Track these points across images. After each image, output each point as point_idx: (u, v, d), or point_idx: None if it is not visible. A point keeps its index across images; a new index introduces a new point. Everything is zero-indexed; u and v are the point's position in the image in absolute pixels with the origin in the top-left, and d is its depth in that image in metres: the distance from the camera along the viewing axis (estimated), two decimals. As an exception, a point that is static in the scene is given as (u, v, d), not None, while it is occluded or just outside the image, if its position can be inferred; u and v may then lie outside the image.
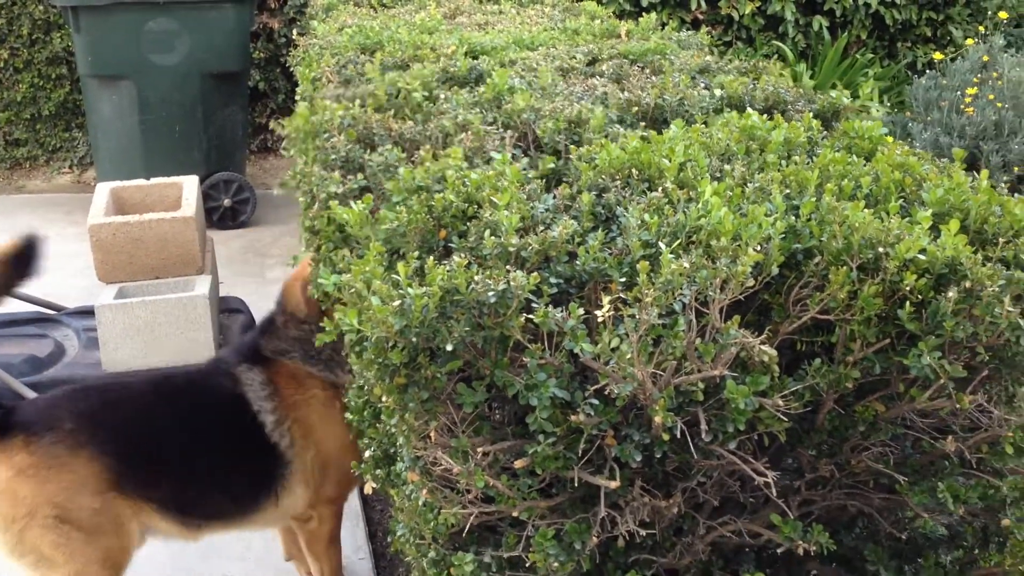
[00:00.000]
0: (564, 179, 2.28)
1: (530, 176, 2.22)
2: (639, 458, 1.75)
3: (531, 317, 1.71)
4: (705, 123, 2.56)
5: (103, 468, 2.50)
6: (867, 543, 1.92)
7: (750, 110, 2.46)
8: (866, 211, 1.78)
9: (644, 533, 1.79)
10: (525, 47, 3.92)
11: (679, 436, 1.71)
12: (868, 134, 2.33)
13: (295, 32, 5.27)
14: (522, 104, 2.71)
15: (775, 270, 1.74)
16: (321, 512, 2.74)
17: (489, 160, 2.31)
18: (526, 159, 2.38)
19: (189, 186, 4.58)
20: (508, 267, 1.81)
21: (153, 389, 2.73)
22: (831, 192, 1.89)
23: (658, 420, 1.65)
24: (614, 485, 1.72)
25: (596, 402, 1.72)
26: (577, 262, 1.86)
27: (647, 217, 1.89)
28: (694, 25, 6.92)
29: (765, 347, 1.68)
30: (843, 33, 7.35)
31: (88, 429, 2.52)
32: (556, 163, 2.34)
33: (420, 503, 1.96)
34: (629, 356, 1.65)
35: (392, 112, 2.90)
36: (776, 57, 6.89)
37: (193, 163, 6.18)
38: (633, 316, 1.64)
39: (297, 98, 3.85)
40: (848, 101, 2.95)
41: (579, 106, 2.70)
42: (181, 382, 2.80)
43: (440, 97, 2.96)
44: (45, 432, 2.49)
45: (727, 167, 2.14)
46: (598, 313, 1.66)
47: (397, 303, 1.69)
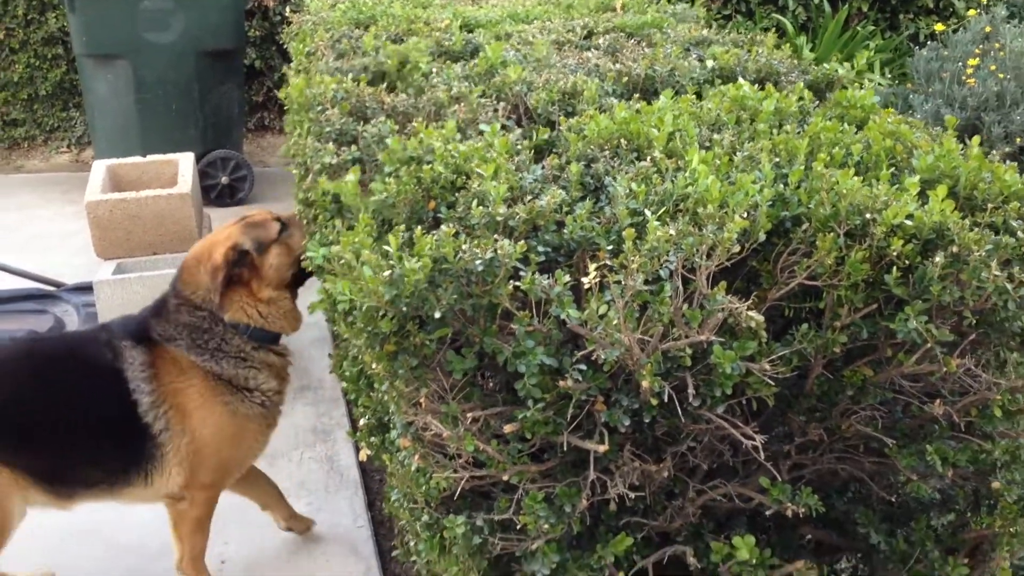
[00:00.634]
0: (554, 150, 2.28)
1: (520, 147, 2.23)
2: (628, 423, 1.76)
3: (519, 285, 1.72)
4: (697, 94, 2.56)
5: None
6: (859, 507, 1.93)
7: (741, 80, 2.46)
8: (855, 178, 1.78)
9: (633, 496, 1.81)
10: (520, 21, 3.91)
11: (667, 401, 1.72)
12: (861, 103, 2.33)
13: (288, 9, 5.26)
14: (514, 77, 2.71)
15: (762, 237, 1.75)
16: (195, 496, 2.70)
17: (482, 132, 2.31)
18: (519, 130, 2.38)
19: (185, 163, 4.58)
20: (496, 236, 1.82)
21: (26, 355, 2.67)
22: (821, 160, 1.89)
23: (645, 385, 1.66)
24: (603, 449, 1.73)
25: (584, 368, 1.73)
26: (565, 231, 1.87)
27: (635, 186, 1.89)
28: (692, -2, 6.88)
29: (752, 312, 1.69)
30: (844, 5, 7.31)
31: None
32: (550, 134, 2.34)
33: (413, 468, 1.98)
34: (616, 322, 1.65)
35: (386, 85, 2.91)
36: (776, 30, 6.85)
37: (190, 141, 6.17)
38: (619, 283, 1.65)
39: (290, 71, 3.85)
40: (843, 72, 2.94)
41: (573, 78, 2.70)
42: (57, 348, 2.74)
43: (432, 71, 2.96)
44: None
45: (716, 136, 2.14)
46: (584, 280, 1.67)
47: (387, 273, 1.70)
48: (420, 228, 1.81)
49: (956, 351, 1.66)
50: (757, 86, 2.43)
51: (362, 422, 2.35)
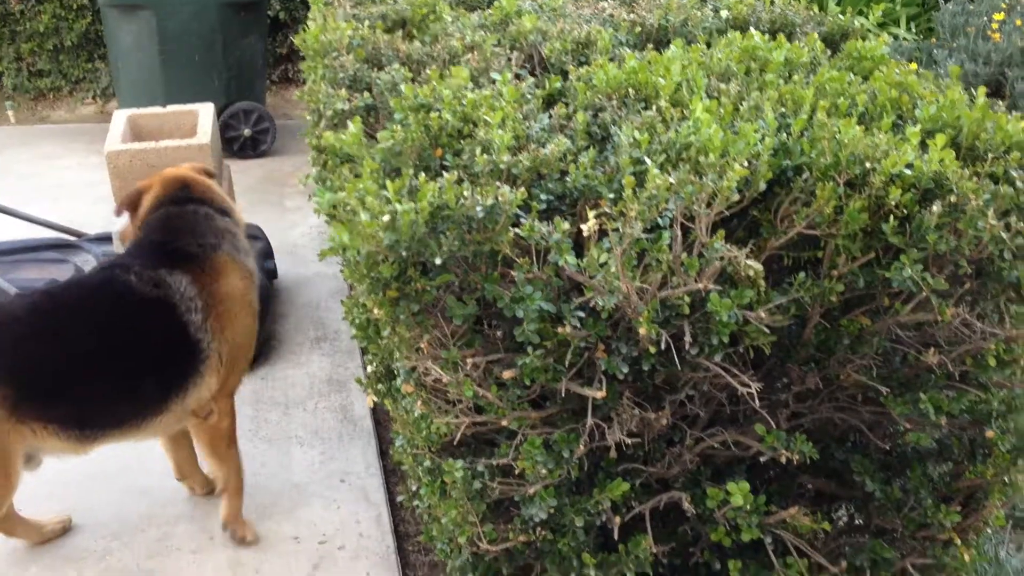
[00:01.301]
0: (563, 99, 2.28)
1: (530, 96, 2.23)
2: (626, 370, 1.78)
3: (519, 232, 1.73)
4: (708, 44, 2.54)
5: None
6: (856, 456, 1.95)
7: (753, 31, 2.44)
8: (857, 128, 1.77)
9: (632, 444, 1.83)
10: (537, -30, 3.88)
11: (665, 349, 1.74)
12: (871, 54, 2.31)
13: (310, -41, 5.22)
14: (529, 26, 2.70)
15: (763, 186, 1.75)
16: (221, 406, 2.73)
17: (494, 81, 2.32)
18: (532, 80, 2.38)
19: (205, 113, 4.60)
20: (498, 184, 1.83)
21: (50, 303, 2.56)
22: (824, 110, 1.89)
23: (643, 332, 1.68)
24: (600, 395, 1.75)
25: (583, 315, 1.75)
26: (568, 179, 1.88)
27: (638, 135, 1.89)
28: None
29: (750, 261, 1.70)
30: (871, -42, 7.18)
31: None
32: (562, 84, 2.34)
33: (415, 415, 2.01)
34: (614, 270, 1.67)
35: (402, 32, 2.91)
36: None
37: (213, 93, 6.18)
38: (617, 231, 1.66)
39: (309, 20, 3.84)
40: (860, 23, 2.91)
41: (587, 28, 2.69)
42: (82, 292, 2.66)
43: (449, 20, 2.96)
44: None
45: (724, 87, 2.13)
46: (583, 227, 1.68)
47: (387, 218, 1.71)
48: (424, 175, 1.83)
49: (952, 301, 1.66)
50: (771, 37, 2.42)
51: (369, 369, 2.38)
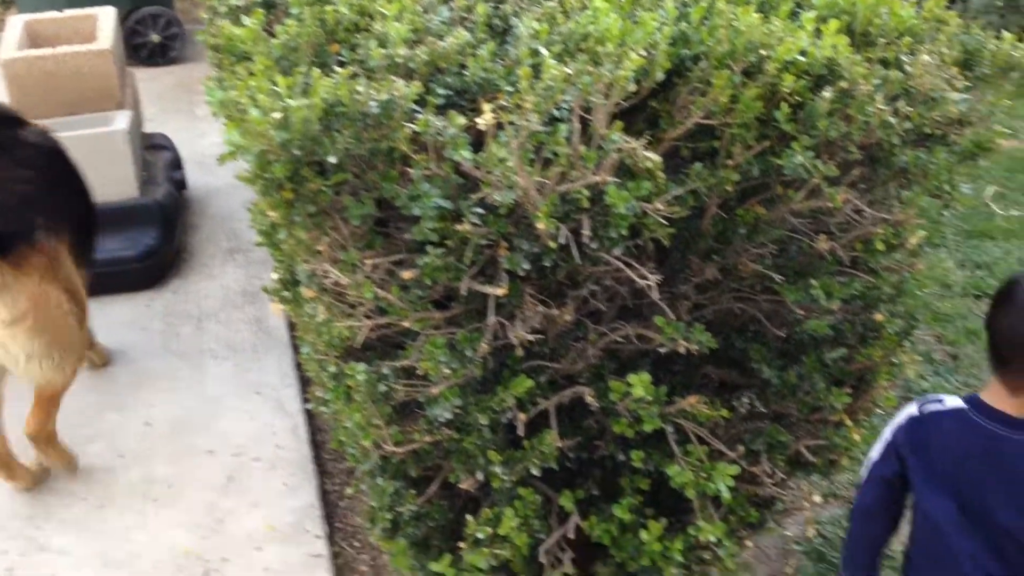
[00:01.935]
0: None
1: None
2: (528, 267, 1.77)
3: (414, 127, 1.70)
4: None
5: (69, 248, 2.75)
6: (755, 345, 1.98)
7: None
8: (755, 15, 1.75)
9: (534, 340, 1.84)
10: None
11: (566, 244, 1.73)
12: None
13: None
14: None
15: (660, 76, 1.73)
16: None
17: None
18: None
19: (105, 18, 4.40)
20: (394, 79, 1.78)
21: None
22: (725, -2, 1.86)
23: (541, 227, 1.67)
24: (500, 292, 1.75)
25: (483, 212, 1.73)
26: (466, 73, 1.84)
27: (537, 25, 1.85)
28: None
29: (648, 152, 1.69)
30: None
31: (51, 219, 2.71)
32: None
33: (318, 320, 1.99)
34: (512, 164, 1.65)
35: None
36: None
37: (116, -3, 5.93)
38: (513, 124, 1.63)
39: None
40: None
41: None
42: None
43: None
44: (38, 234, 2.64)
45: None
46: (479, 121, 1.65)
47: (278, 116, 1.66)
48: (317, 71, 1.77)
49: (843, 187, 1.68)
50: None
51: (274, 276, 2.35)
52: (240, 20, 2.23)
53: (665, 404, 1.87)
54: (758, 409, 2.06)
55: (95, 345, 3.26)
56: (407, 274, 1.78)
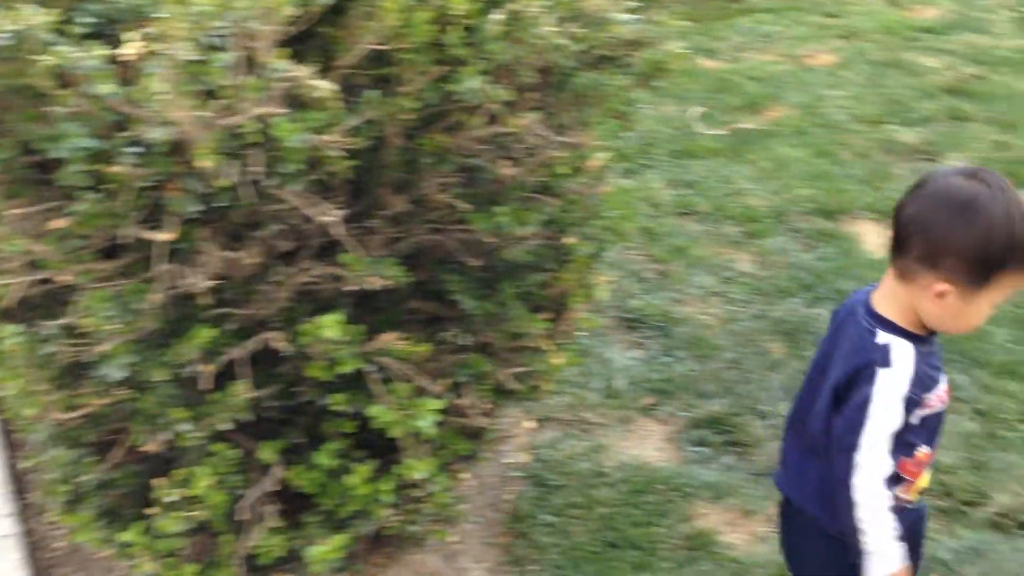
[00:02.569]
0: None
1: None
2: (200, 208, 1.64)
3: (50, 60, 1.50)
4: None
5: None
6: (453, 276, 1.95)
7: None
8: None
9: (214, 285, 1.71)
10: None
11: (241, 183, 1.61)
12: None
13: None
14: None
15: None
16: None
17: None
18: None
19: None
20: (28, 6, 1.57)
21: None
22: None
23: (204, 164, 1.54)
24: (162, 238, 1.61)
25: (141, 151, 1.58)
26: (114, -2, 1.66)
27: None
28: None
29: (318, 81, 1.58)
30: None
31: None
32: None
33: (-33, 280, 1.77)
34: (167, 98, 1.50)
35: None
36: None
37: None
38: (161, 54, 1.48)
39: None
40: None
41: None
42: None
43: None
44: None
45: None
46: (122, 51, 1.48)
47: None
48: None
49: (521, 111, 1.65)
50: None
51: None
52: None
53: (364, 343, 1.80)
54: (465, 342, 2.04)
55: None
56: (57, 223, 1.60)
